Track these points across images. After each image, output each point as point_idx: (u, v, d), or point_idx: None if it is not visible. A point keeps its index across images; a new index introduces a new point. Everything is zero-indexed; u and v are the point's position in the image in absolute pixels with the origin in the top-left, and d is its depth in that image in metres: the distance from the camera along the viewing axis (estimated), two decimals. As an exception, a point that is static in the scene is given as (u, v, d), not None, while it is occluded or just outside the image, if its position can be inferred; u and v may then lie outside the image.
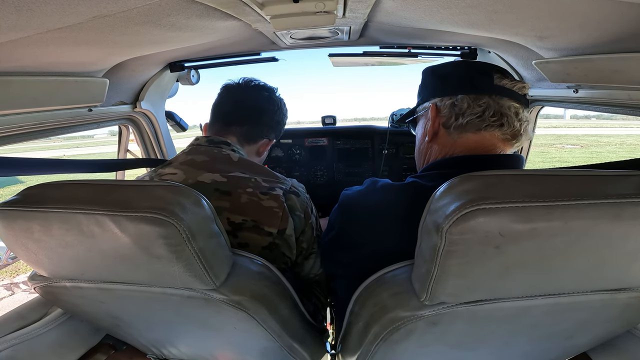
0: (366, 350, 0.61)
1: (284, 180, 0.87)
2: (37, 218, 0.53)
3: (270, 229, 0.78)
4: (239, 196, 0.78)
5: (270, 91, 1.01)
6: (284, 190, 0.83)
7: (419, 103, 0.84)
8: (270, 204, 0.79)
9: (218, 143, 0.90)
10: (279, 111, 1.02)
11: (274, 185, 0.83)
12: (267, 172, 0.88)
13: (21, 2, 0.45)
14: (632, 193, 0.41)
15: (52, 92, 0.86)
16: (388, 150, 1.70)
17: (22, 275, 4.70)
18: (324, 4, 0.67)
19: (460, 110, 0.71)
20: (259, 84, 1.00)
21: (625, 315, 0.60)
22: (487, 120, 0.69)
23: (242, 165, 0.86)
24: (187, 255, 0.52)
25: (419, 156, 0.85)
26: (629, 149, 14.42)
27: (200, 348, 0.84)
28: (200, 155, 0.86)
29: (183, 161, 0.85)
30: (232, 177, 0.81)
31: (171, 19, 0.66)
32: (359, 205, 0.72)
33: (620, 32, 0.61)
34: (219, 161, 0.85)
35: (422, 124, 0.83)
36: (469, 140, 0.71)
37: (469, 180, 0.45)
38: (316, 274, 0.97)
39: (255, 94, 0.98)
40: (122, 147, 1.52)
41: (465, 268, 0.46)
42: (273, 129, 1.02)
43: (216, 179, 0.80)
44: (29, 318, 0.80)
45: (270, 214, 0.79)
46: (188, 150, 0.89)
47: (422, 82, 0.83)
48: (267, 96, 0.99)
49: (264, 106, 0.98)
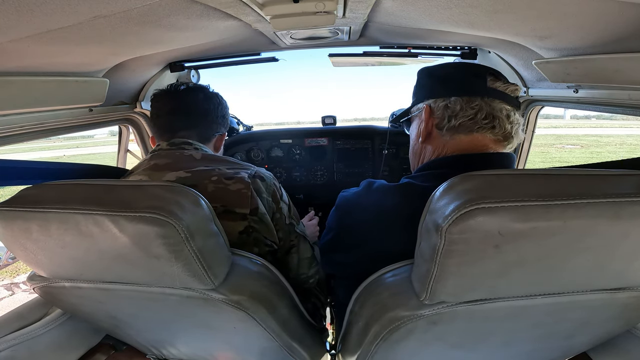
0: (366, 350, 0.61)
1: (248, 166, 0.88)
2: (35, 218, 0.53)
3: (241, 209, 0.78)
4: (205, 186, 0.79)
5: (204, 90, 1.00)
6: (249, 174, 0.84)
7: (413, 103, 0.84)
8: (237, 187, 0.80)
9: (180, 144, 0.91)
10: (220, 105, 1.02)
11: (238, 171, 0.84)
12: (231, 161, 0.89)
13: (21, 2, 0.45)
14: (631, 192, 0.41)
15: (52, 92, 0.86)
16: (388, 150, 1.70)
17: (22, 275, 4.70)
18: (324, 4, 0.67)
19: (453, 112, 0.72)
20: (189, 87, 0.99)
21: (624, 315, 0.60)
22: (479, 122, 0.70)
23: (205, 160, 0.87)
24: (185, 255, 0.52)
25: (413, 156, 0.85)
26: (629, 149, 14.42)
27: (199, 348, 0.84)
28: (162, 159, 0.86)
29: (146, 167, 0.85)
30: (195, 172, 0.82)
31: (171, 19, 0.66)
32: (355, 206, 0.73)
33: (620, 32, 0.61)
34: (181, 161, 0.85)
35: (416, 124, 0.84)
36: (461, 141, 0.72)
37: (468, 180, 0.45)
38: (308, 275, 0.96)
39: (191, 99, 0.97)
40: (122, 147, 1.52)
41: (464, 267, 0.46)
42: (220, 124, 1.02)
43: (180, 175, 0.81)
44: (29, 318, 0.80)
45: (238, 196, 0.79)
46: (150, 157, 0.89)
47: (417, 82, 0.84)
48: (203, 97, 0.98)
49: (204, 107, 0.97)
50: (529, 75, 1.12)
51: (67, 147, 25.07)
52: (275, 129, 1.87)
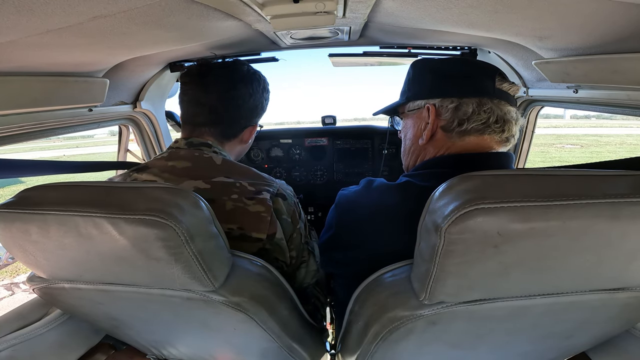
0: (366, 350, 0.61)
1: (271, 182, 0.82)
2: (34, 220, 0.52)
3: (258, 234, 0.75)
4: (223, 203, 0.74)
5: (240, 71, 0.87)
6: (271, 193, 0.79)
7: (408, 98, 0.78)
8: (257, 209, 0.75)
9: (198, 145, 0.84)
10: (255, 93, 0.88)
11: (260, 189, 0.78)
12: (253, 173, 0.82)
13: (21, 3, 0.45)
14: (630, 193, 0.41)
15: (52, 92, 0.86)
16: (388, 150, 1.70)
17: (22, 275, 4.70)
18: (324, 4, 0.67)
19: (464, 115, 0.69)
20: (222, 66, 0.86)
21: (624, 315, 0.60)
22: (491, 126, 0.68)
23: (225, 168, 0.80)
24: (185, 257, 0.52)
25: (410, 156, 0.81)
26: (628, 148, 14.42)
27: (199, 349, 0.84)
28: (181, 161, 0.80)
29: (163, 168, 0.80)
30: (215, 183, 0.77)
31: (171, 19, 0.66)
32: (355, 205, 0.72)
33: (620, 32, 0.61)
34: (201, 166, 0.80)
35: (413, 122, 0.79)
36: (470, 143, 0.70)
37: (467, 180, 0.45)
38: (309, 282, 0.94)
39: (220, 86, 0.84)
40: (122, 147, 1.52)
41: (464, 267, 0.46)
42: (253, 116, 0.91)
43: (199, 186, 0.76)
44: (29, 318, 0.80)
45: (257, 219, 0.75)
46: (167, 155, 0.83)
47: (414, 77, 0.78)
48: (239, 78, 0.86)
49: (234, 99, 0.85)
50: (528, 75, 1.12)
51: (67, 147, 25.06)
52: (275, 129, 1.87)
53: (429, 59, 0.80)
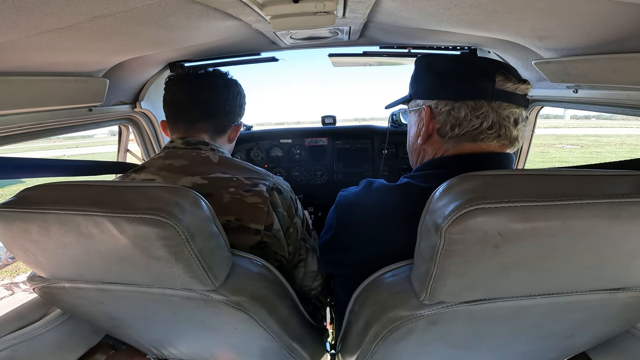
0: (366, 350, 0.61)
1: (267, 176, 0.85)
2: (35, 219, 0.52)
3: (256, 225, 0.76)
4: (220, 196, 0.76)
5: (223, 77, 0.95)
6: (267, 186, 0.81)
7: (411, 96, 0.79)
8: (254, 200, 0.77)
9: (195, 144, 0.87)
10: (238, 95, 0.97)
11: (256, 182, 0.81)
12: (249, 168, 0.85)
13: (21, 2, 0.45)
14: (630, 193, 0.41)
15: (52, 92, 0.86)
16: (388, 150, 1.70)
17: (22, 275, 4.70)
18: (324, 4, 0.67)
19: (456, 120, 0.67)
20: (208, 72, 0.94)
21: (624, 315, 0.60)
22: (484, 132, 0.66)
23: (223, 165, 0.83)
24: (186, 256, 0.52)
25: (413, 154, 0.82)
26: (629, 149, 14.42)
27: (199, 348, 0.84)
28: (178, 160, 0.82)
29: (161, 167, 0.82)
30: (212, 179, 0.79)
31: (171, 19, 0.66)
32: (355, 206, 0.72)
33: (620, 32, 0.61)
34: (198, 164, 0.82)
35: (414, 120, 0.79)
36: (465, 148, 0.69)
37: (467, 180, 0.45)
38: (310, 287, 0.94)
39: (210, 85, 0.91)
40: (122, 147, 1.52)
41: (464, 267, 0.46)
42: (237, 114, 0.98)
43: (196, 182, 0.78)
44: (29, 318, 0.80)
45: (254, 210, 0.77)
46: (165, 155, 0.85)
47: (416, 73, 0.78)
48: (222, 83, 0.93)
49: (223, 96, 0.92)
50: (528, 75, 1.12)
51: (67, 147, 25.05)
52: (275, 129, 1.87)
53: (432, 56, 0.79)
